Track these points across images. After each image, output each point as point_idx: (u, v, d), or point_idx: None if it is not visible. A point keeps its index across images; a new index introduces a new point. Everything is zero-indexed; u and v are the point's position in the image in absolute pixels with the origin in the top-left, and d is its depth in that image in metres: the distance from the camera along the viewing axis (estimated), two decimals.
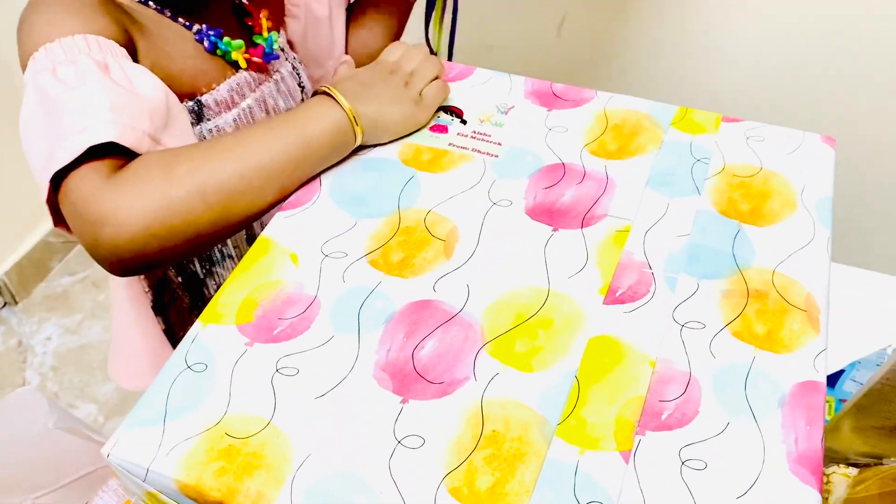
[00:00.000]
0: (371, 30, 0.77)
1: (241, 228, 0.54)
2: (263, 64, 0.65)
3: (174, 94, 0.55)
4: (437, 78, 0.63)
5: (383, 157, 0.59)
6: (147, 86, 0.52)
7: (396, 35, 0.78)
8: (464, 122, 0.62)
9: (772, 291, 0.49)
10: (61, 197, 0.49)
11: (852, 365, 0.70)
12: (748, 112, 0.73)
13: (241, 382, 0.44)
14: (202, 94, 0.60)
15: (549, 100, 0.65)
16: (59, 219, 0.53)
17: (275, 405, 0.43)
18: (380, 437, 0.41)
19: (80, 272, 1.54)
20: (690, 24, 1.03)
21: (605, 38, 1.09)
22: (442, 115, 0.63)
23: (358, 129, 0.56)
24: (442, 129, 0.62)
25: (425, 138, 0.61)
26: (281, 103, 0.68)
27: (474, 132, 0.61)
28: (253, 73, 0.65)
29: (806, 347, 0.46)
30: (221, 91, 0.62)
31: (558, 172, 0.58)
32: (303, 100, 0.72)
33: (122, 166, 0.49)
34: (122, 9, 0.56)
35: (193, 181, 0.49)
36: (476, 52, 1.16)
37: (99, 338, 1.42)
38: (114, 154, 0.49)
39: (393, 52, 0.65)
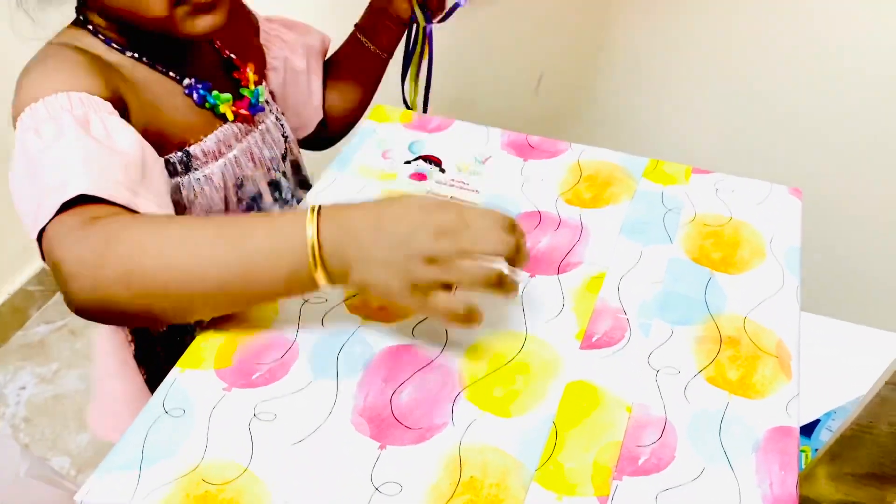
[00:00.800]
0: (348, 84, 0.79)
1: (176, 323, 0.51)
2: (250, 116, 0.67)
3: (151, 149, 0.55)
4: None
5: None
6: (124, 140, 0.53)
7: (373, 90, 0.81)
8: (442, 170, 0.64)
9: (744, 338, 0.50)
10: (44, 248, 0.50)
11: (828, 415, 0.71)
12: (717, 164, 0.75)
13: (218, 427, 0.44)
14: (190, 146, 0.62)
15: (525, 150, 0.66)
16: None
17: (252, 451, 0.42)
18: (357, 484, 0.41)
19: (57, 321, 1.52)
20: (662, 80, 1.06)
21: (580, 94, 1.12)
22: (421, 163, 0.64)
23: (323, 280, 0.44)
24: (421, 176, 0.63)
25: (405, 185, 0.62)
26: (266, 153, 0.69)
27: (452, 180, 0.63)
28: (239, 125, 0.66)
29: (778, 393, 0.47)
30: (209, 142, 0.63)
31: (534, 220, 0.59)
32: (286, 148, 0.73)
33: (100, 216, 0.49)
34: (111, 67, 0.58)
35: (122, 267, 0.46)
36: (458, 105, 1.18)
37: (74, 387, 1.39)
38: (93, 203, 0.49)
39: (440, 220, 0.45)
